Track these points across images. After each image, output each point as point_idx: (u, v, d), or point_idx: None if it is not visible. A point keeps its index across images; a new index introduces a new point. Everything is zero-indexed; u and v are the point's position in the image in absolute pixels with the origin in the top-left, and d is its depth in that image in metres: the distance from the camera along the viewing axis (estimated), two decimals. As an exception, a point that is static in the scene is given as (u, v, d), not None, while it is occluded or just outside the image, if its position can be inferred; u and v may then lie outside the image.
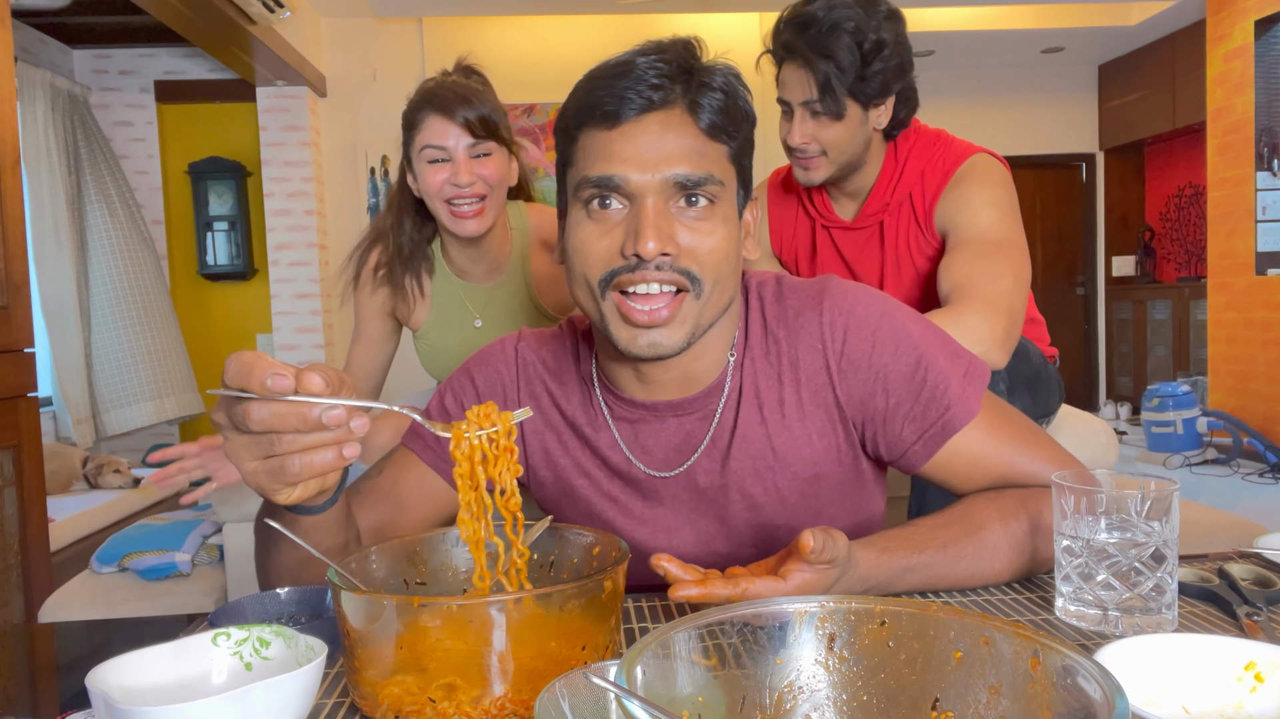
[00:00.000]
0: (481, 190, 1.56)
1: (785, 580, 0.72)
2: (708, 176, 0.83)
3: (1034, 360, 1.53)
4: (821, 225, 1.72)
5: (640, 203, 0.82)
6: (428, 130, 1.55)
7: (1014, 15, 5.64)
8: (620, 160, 0.82)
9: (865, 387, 0.91)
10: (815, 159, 1.58)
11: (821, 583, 0.74)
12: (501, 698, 0.60)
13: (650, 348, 0.84)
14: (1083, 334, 7.10)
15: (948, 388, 0.90)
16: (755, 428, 0.93)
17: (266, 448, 0.64)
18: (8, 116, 2.20)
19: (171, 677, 0.62)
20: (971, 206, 1.50)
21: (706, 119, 0.83)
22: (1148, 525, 0.72)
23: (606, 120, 0.83)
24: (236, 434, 0.66)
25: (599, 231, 0.84)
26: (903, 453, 0.93)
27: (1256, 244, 4.87)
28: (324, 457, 0.65)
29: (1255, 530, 1.49)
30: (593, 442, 0.97)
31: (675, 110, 0.83)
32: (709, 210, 0.84)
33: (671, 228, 0.82)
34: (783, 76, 1.58)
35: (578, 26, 5.44)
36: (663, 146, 0.82)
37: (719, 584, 0.72)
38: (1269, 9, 4.67)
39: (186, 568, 2.01)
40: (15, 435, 2.22)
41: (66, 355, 4.42)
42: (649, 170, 0.81)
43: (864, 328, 0.91)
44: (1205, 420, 4.97)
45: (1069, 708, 0.46)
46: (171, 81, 5.14)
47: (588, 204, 0.84)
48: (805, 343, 0.92)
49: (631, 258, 0.82)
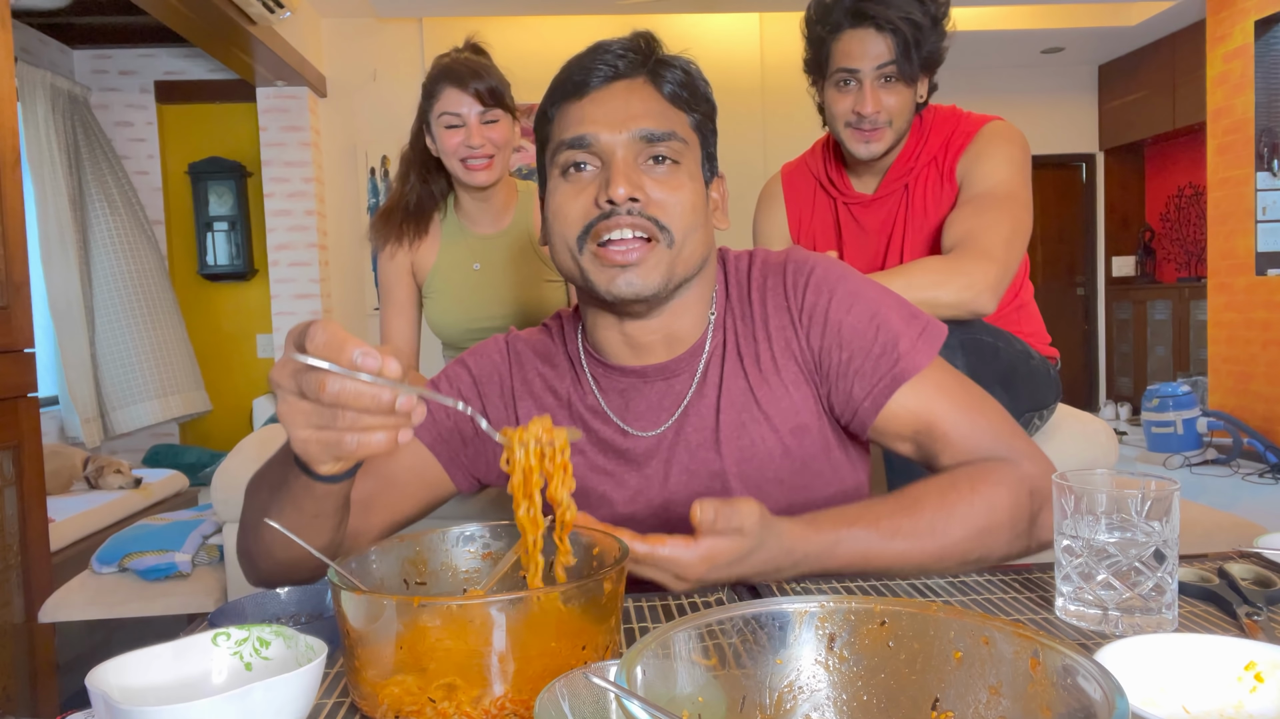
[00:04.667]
0: (490, 151, 1.82)
1: (694, 544, 0.75)
2: (671, 133, 0.90)
3: (1005, 357, 1.52)
4: (843, 203, 1.75)
5: (611, 158, 0.89)
6: (445, 99, 1.80)
7: (1014, 15, 5.65)
8: (590, 122, 0.90)
9: (822, 340, 0.96)
10: (881, 129, 1.59)
11: (732, 550, 0.76)
12: (501, 698, 0.60)
13: (628, 286, 0.89)
14: (1083, 334, 7.10)
15: (898, 343, 0.94)
16: (738, 380, 0.97)
17: (329, 420, 0.64)
18: (8, 117, 2.20)
19: (171, 677, 0.62)
20: (990, 160, 1.57)
21: (668, 88, 0.92)
22: (1148, 525, 0.72)
23: (576, 91, 0.92)
24: (298, 400, 0.65)
25: (574, 191, 0.91)
26: (855, 410, 0.95)
27: (1256, 244, 4.87)
28: (379, 438, 0.65)
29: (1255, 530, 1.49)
30: (584, 418, 1.00)
31: (638, 79, 0.92)
32: (674, 169, 0.91)
33: (639, 179, 0.89)
34: (844, 47, 1.57)
35: (578, 26, 5.45)
36: (629, 108, 0.90)
37: (631, 536, 0.76)
38: (1269, 9, 4.67)
39: (186, 568, 2.01)
40: (15, 435, 2.22)
41: (74, 354, 4.42)
42: (617, 129, 0.89)
43: (823, 285, 0.97)
44: (1205, 420, 4.97)
45: (1069, 708, 0.46)
46: (171, 82, 5.15)
47: (564, 170, 0.92)
48: (773, 301, 0.98)
49: (605, 205, 0.88)
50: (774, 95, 5.43)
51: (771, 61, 5.45)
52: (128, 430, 4.66)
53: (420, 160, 1.93)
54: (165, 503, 3.68)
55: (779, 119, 5.41)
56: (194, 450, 4.86)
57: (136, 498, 3.51)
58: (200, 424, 5.27)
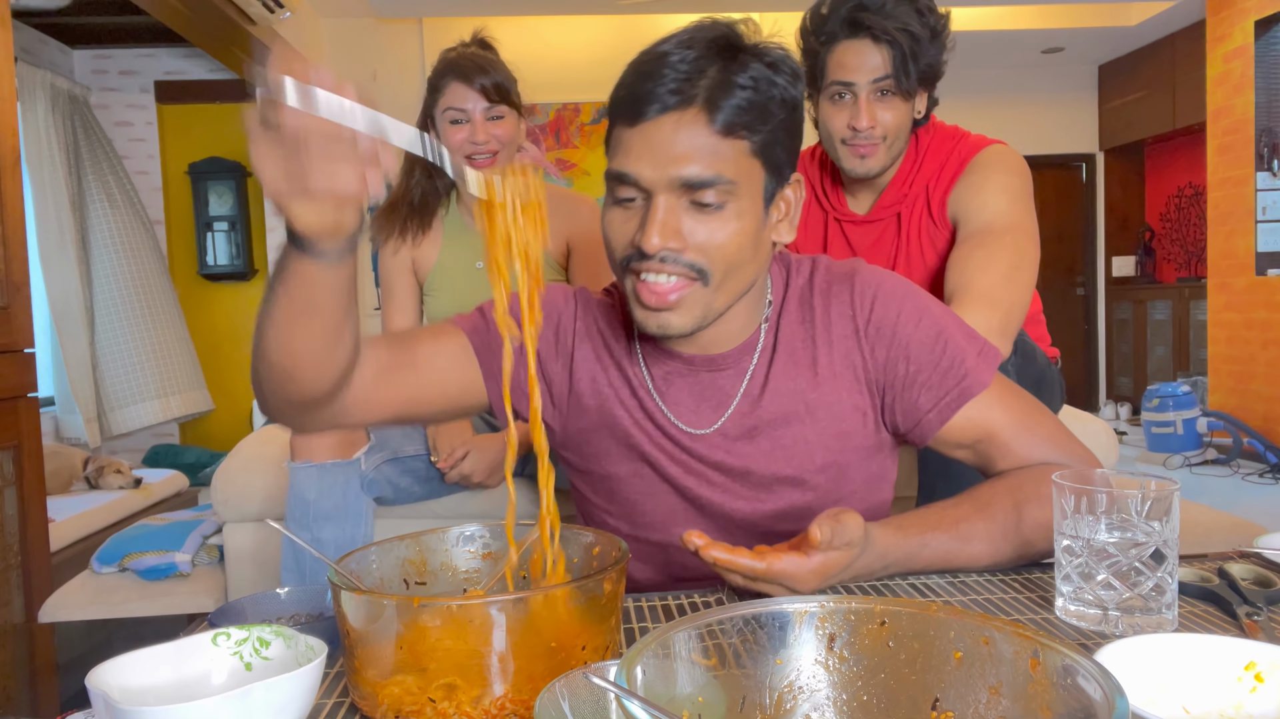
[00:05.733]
0: (495, 148, 1.79)
1: (808, 557, 0.77)
2: (716, 178, 0.85)
3: (1039, 361, 1.53)
4: (834, 219, 1.70)
5: (652, 199, 0.87)
6: (450, 94, 1.77)
7: (1014, 15, 5.65)
8: (635, 157, 0.86)
9: (888, 353, 0.97)
10: (876, 145, 1.54)
11: (842, 561, 0.79)
12: (501, 698, 0.60)
13: (659, 328, 0.90)
14: (1083, 334, 7.10)
15: (964, 359, 0.96)
16: (787, 380, 0.98)
17: (293, 154, 0.63)
18: (8, 117, 2.20)
19: (171, 677, 0.62)
20: (983, 193, 1.52)
21: (723, 119, 0.85)
22: (1148, 525, 0.72)
23: (627, 118, 0.87)
24: (266, 140, 0.64)
25: (621, 218, 0.90)
26: (918, 421, 0.97)
27: (1256, 244, 4.87)
28: (348, 174, 0.64)
29: (1255, 530, 1.49)
30: (636, 393, 1.01)
31: (691, 110, 0.85)
32: (719, 209, 0.87)
33: (679, 223, 0.86)
34: (840, 58, 1.51)
35: (578, 27, 5.45)
36: (674, 147, 0.85)
37: (746, 555, 0.76)
38: (1269, 9, 4.67)
39: (186, 568, 2.01)
40: (15, 435, 2.22)
41: (75, 354, 4.42)
42: (660, 169, 0.85)
43: (891, 300, 0.98)
44: (1205, 420, 4.97)
45: (1069, 708, 0.46)
46: (171, 82, 5.14)
47: (613, 192, 0.90)
48: (837, 310, 0.99)
49: (639, 250, 0.87)
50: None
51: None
52: (127, 430, 4.65)
53: None
54: (165, 503, 3.67)
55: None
56: (194, 450, 4.86)
57: (136, 498, 3.50)
58: (200, 424, 5.27)
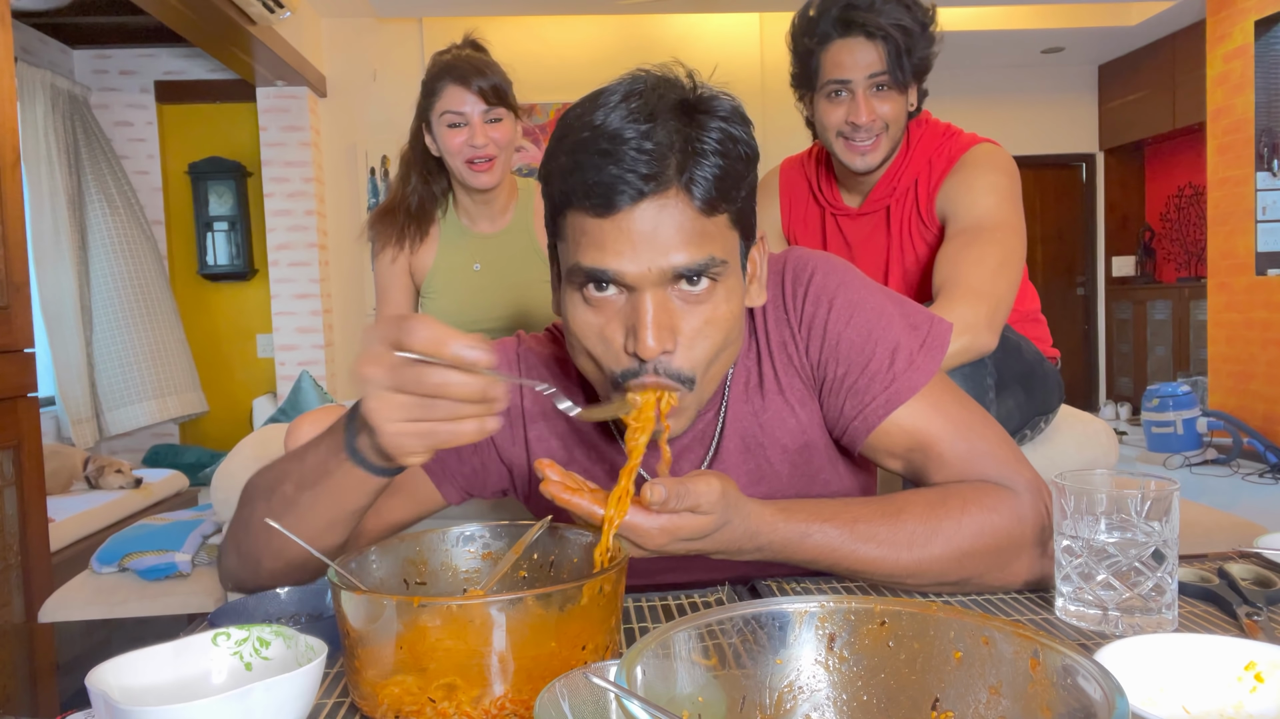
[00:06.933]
0: (493, 151, 1.79)
1: (651, 515, 0.70)
2: (709, 261, 0.77)
3: (1027, 356, 1.53)
4: (830, 214, 1.74)
5: (639, 295, 0.77)
6: (447, 98, 1.76)
7: (1014, 15, 5.64)
8: (614, 253, 0.76)
9: (821, 353, 0.91)
10: (878, 139, 1.57)
11: (694, 526, 0.71)
12: (501, 698, 0.60)
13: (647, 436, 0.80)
14: (1083, 334, 7.10)
15: (895, 360, 0.89)
16: (740, 407, 0.93)
17: (425, 412, 0.65)
18: (8, 117, 2.20)
19: (171, 677, 0.62)
20: (971, 192, 1.53)
21: (702, 194, 0.76)
22: (1148, 525, 0.72)
23: (595, 209, 0.76)
24: (393, 394, 0.65)
25: (598, 320, 0.80)
26: (845, 429, 0.92)
27: (1256, 244, 4.87)
28: (469, 427, 0.66)
29: (1255, 530, 1.49)
30: (589, 438, 0.97)
31: (669, 192, 0.75)
32: (711, 289, 0.79)
33: (672, 318, 0.78)
34: (834, 57, 1.55)
35: (578, 27, 5.45)
36: (658, 236, 0.75)
37: (588, 498, 0.70)
38: (1269, 9, 4.67)
39: (186, 568, 2.01)
40: (15, 435, 2.22)
41: (66, 355, 4.42)
42: (645, 263, 0.75)
43: (821, 295, 0.92)
44: (1205, 420, 4.97)
45: (1069, 708, 0.46)
46: (171, 82, 5.15)
47: (582, 288, 0.79)
48: (773, 315, 0.93)
49: (633, 360, 0.78)
50: (774, 95, 5.41)
51: (771, 62, 5.44)
52: (123, 431, 4.66)
53: (421, 160, 1.90)
54: (165, 503, 3.68)
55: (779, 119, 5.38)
56: (194, 450, 4.86)
57: (136, 498, 3.51)
58: (200, 424, 5.27)
